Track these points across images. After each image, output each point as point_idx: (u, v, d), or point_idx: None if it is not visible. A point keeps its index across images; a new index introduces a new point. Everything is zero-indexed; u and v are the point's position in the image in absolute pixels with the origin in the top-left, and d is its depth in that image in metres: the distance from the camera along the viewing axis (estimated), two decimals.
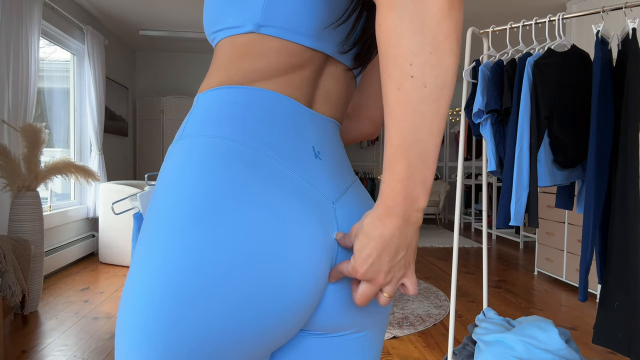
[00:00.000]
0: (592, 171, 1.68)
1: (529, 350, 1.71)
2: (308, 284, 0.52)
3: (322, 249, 0.54)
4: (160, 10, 4.84)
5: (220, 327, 0.47)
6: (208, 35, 0.64)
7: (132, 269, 0.51)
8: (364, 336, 0.63)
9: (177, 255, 0.47)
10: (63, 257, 3.99)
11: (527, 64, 1.81)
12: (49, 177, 3.09)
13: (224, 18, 0.60)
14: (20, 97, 3.28)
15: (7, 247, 2.50)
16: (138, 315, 0.48)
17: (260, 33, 0.58)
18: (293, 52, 0.58)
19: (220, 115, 0.56)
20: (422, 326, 2.78)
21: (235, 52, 0.59)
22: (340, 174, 0.61)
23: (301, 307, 0.52)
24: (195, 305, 0.47)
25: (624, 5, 1.74)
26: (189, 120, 0.58)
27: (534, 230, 5.44)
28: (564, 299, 3.43)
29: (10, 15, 3.20)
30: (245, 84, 0.58)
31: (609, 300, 1.68)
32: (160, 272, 0.47)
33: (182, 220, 0.49)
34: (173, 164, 0.54)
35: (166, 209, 0.50)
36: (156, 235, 0.50)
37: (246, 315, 0.48)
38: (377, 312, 0.62)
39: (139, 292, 0.48)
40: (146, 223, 0.52)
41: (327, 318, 0.58)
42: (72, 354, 2.32)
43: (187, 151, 0.54)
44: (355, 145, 8.10)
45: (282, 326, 0.51)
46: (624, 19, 1.71)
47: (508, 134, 1.87)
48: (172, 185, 0.52)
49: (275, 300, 0.49)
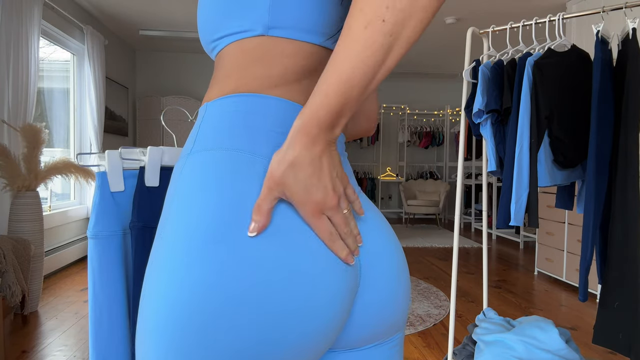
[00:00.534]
0: (592, 171, 1.68)
1: (529, 350, 1.71)
2: (336, 299, 0.50)
3: (345, 264, 0.52)
4: (160, 10, 4.84)
5: (245, 354, 0.46)
6: (207, 44, 0.61)
7: (145, 291, 0.49)
8: (395, 339, 0.62)
9: (198, 280, 0.45)
10: (63, 257, 3.99)
11: (527, 64, 1.81)
12: (49, 177, 3.08)
13: (227, 23, 0.57)
14: (20, 97, 3.28)
15: (7, 247, 2.50)
16: (158, 343, 0.46)
17: (270, 35, 0.55)
18: (307, 54, 0.56)
19: (236, 125, 0.54)
20: (422, 326, 2.78)
21: (245, 58, 0.56)
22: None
23: (331, 327, 0.50)
24: (218, 335, 0.45)
25: (624, 5, 1.74)
26: (200, 132, 0.55)
27: (534, 230, 5.44)
28: (564, 299, 3.43)
29: (10, 15, 3.20)
30: (260, 91, 0.55)
31: (609, 300, 1.68)
32: (182, 298, 0.45)
33: (202, 240, 0.47)
34: (188, 180, 0.52)
35: (184, 230, 0.48)
36: (172, 261, 0.47)
37: (273, 338, 0.46)
38: (401, 314, 0.61)
39: (157, 320, 0.46)
40: (161, 246, 0.50)
41: (356, 335, 0.57)
42: (72, 354, 2.32)
43: (202, 166, 0.52)
44: (356, 145, 8.10)
45: (311, 346, 0.49)
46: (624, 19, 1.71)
47: (508, 134, 1.87)
48: (190, 204, 0.50)
49: (305, 320, 0.48)
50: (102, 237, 0.84)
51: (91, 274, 0.84)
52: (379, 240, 0.58)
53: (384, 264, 0.58)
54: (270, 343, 0.46)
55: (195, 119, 1.25)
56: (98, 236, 0.84)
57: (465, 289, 3.67)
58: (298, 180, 0.48)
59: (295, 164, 0.48)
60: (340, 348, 0.58)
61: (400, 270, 0.60)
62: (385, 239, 0.59)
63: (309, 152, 0.48)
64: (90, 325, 0.84)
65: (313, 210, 0.49)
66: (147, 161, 0.90)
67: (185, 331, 0.45)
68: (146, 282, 0.49)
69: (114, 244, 0.85)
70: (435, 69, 7.26)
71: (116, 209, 0.87)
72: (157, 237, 0.51)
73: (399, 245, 0.62)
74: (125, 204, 0.89)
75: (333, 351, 0.59)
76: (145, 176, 0.90)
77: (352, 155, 8.22)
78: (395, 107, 7.96)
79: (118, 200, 0.88)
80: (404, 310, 0.61)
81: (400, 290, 0.59)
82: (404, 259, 0.62)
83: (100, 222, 0.84)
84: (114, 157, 0.87)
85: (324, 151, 0.49)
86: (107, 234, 0.84)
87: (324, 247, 0.50)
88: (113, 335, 0.85)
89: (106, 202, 0.85)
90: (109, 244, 0.84)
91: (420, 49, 6.11)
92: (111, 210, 0.86)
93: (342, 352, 0.59)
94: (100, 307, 0.84)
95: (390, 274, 0.58)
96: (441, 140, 8.12)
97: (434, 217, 7.89)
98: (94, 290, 0.84)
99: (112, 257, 0.85)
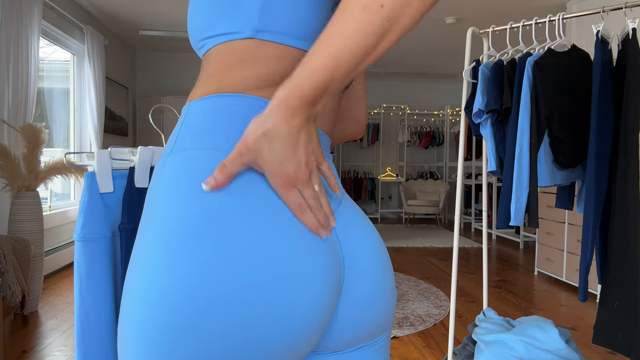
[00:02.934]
0: (592, 171, 1.68)
1: (529, 350, 1.71)
2: (320, 299, 0.50)
3: (330, 262, 0.52)
4: (160, 10, 4.85)
5: (227, 354, 0.45)
6: (195, 42, 0.61)
7: (127, 290, 0.48)
8: (380, 341, 0.62)
9: (177, 278, 0.44)
10: (63, 257, 3.99)
11: (527, 64, 1.81)
12: (49, 177, 3.08)
13: (216, 24, 0.57)
14: (20, 97, 3.28)
15: (7, 247, 2.50)
16: (139, 345, 0.45)
17: (258, 39, 0.55)
18: (293, 58, 0.56)
19: (217, 125, 0.53)
20: (422, 326, 2.78)
21: (231, 59, 0.56)
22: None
23: (315, 322, 0.50)
24: (198, 334, 0.44)
25: (624, 5, 1.74)
26: (181, 132, 0.55)
27: (534, 230, 5.44)
28: (564, 299, 3.43)
29: (10, 15, 3.20)
30: (243, 91, 0.55)
31: (609, 300, 1.68)
32: (161, 295, 0.45)
33: (182, 239, 0.46)
34: (167, 179, 0.51)
35: (163, 229, 0.48)
36: (152, 260, 0.47)
37: (256, 338, 0.45)
38: (386, 317, 0.60)
39: (137, 321, 0.46)
40: (142, 245, 0.49)
41: (339, 337, 0.56)
42: (72, 354, 2.32)
43: (182, 166, 0.51)
44: (356, 145, 8.11)
45: (296, 345, 0.49)
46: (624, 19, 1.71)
47: (508, 134, 1.87)
48: (168, 204, 0.49)
49: (291, 318, 0.47)
50: (90, 240, 0.81)
51: (78, 277, 0.80)
52: (363, 241, 0.58)
53: (367, 264, 0.57)
54: (255, 344, 0.46)
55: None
56: (86, 239, 0.81)
57: (465, 289, 3.67)
58: (273, 151, 0.48)
59: (271, 133, 0.47)
60: (324, 350, 0.58)
61: (385, 270, 0.60)
62: (369, 239, 0.59)
63: (287, 125, 0.47)
64: (76, 331, 0.81)
65: (284, 182, 0.49)
66: (137, 161, 0.88)
67: (166, 332, 0.44)
68: (127, 281, 0.49)
69: (103, 247, 0.82)
70: (436, 69, 7.26)
71: (105, 210, 0.84)
72: (139, 236, 0.51)
73: (383, 245, 0.62)
74: (114, 205, 0.86)
75: (317, 354, 0.58)
76: (135, 177, 0.88)
77: (352, 155, 8.22)
78: (395, 107, 7.96)
79: (107, 201, 0.85)
80: (389, 311, 0.60)
81: (385, 290, 0.59)
82: (388, 259, 0.62)
83: (89, 225, 0.81)
84: (104, 157, 0.84)
85: (302, 125, 0.48)
86: (96, 236, 0.82)
87: (306, 239, 0.50)
88: (101, 341, 0.83)
89: (95, 203, 0.83)
90: (97, 247, 0.81)
91: (420, 48, 6.11)
92: (100, 212, 0.83)
93: (326, 355, 0.58)
94: (87, 313, 0.80)
95: (374, 273, 0.58)
96: (441, 140, 8.12)
97: (434, 217, 7.89)
98: (80, 294, 0.81)
99: (100, 260, 0.82)
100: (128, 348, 0.47)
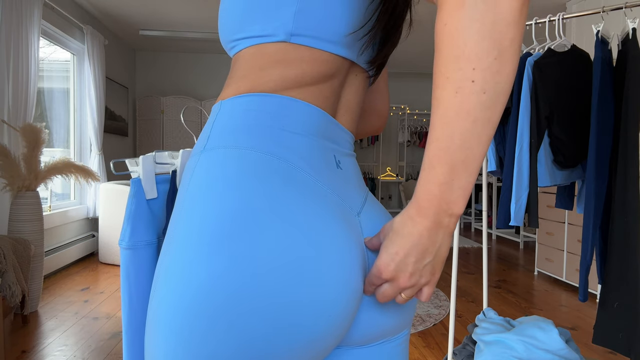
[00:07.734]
0: (592, 171, 1.68)
1: (529, 350, 1.71)
2: (346, 298, 0.50)
3: (356, 262, 0.52)
4: (160, 10, 4.84)
5: (255, 348, 0.45)
6: (226, 42, 0.61)
7: (157, 284, 0.49)
8: (402, 336, 0.63)
9: (210, 273, 0.45)
10: (63, 257, 3.99)
11: (527, 64, 1.81)
12: (49, 177, 3.08)
13: (249, 25, 0.57)
14: (20, 97, 3.28)
15: (7, 247, 2.50)
16: (167, 342, 0.46)
17: (292, 42, 0.55)
18: (325, 61, 0.57)
19: (249, 124, 0.54)
20: (422, 326, 2.78)
21: (264, 61, 0.56)
22: (359, 185, 0.61)
23: (338, 322, 0.50)
24: (227, 328, 0.44)
25: (624, 5, 1.74)
26: (213, 129, 0.55)
27: (534, 230, 5.44)
28: (564, 299, 3.43)
29: (10, 15, 3.20)
30: (276, 91, 0.55)
31: (609, 300, 1.68)
32: (190, 290, 0.46)
33: (216, 237, 0.46)
34: (200, 177, 0.51)
35: (197, 226, 0.48)
36: (183, 257, 0.47)
37: (282, 335, 0.46)
38: (409, 312, 0.62)
39: (166, 314, 0.46)
40: (173, 242, 0.49)
41: (364, 331, 0.57)
42: (72, 354, 2.32)
43: (215, 163, 0.51)
44: (356, 145, 8.11)
45: (319, 343, 0.49)
46: (624, 19, 1.71)
47: (508, 134, 1.87)
48: (202, 202, 0.49)
49: (314, 317, 0.47)
50: (139, 248, 0.80)
51: (127, 285, 0.79)
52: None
53: None
54: (278, 340, 0.46)
55: (205, 119, 1.23)
56: (136, 247, 0.80)
57: (465, 289, 3.67)
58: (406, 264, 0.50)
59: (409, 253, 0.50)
60: (348, 345, 0.58)
61: None
62: None
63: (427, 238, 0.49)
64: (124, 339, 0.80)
65: (385, 277, 0.52)
66: (179, 164, 0.87)
67: (193, 324, 0.45)
68: (159, 273, 0.49)
69: (150, 253, 0.82)
70: None
71: (151, 216, 0.83)
72: (169, 234, 0.51)
73: None
74: (157, 210, 0.85)
75: (340, 348, 0.59)
76: (177, 180, 0.87)
77: None
78: (395, 107, 7.96)
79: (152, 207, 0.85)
80: (411, 307, 0.61)
81: None
82: None
83: (137, 232, 0.80)
84: (149, 162, 0.83)
85: (442, 237, 0.50)
86: (144, 244, 0.81)
87: (337, 246, 0.51)
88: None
89: (142, 210, 0.82)
90: (145, 254, 0.81)
91: (420, 49, 6.11)
92: (147, 219, 0.82)
93: (350, 349, 0.59)
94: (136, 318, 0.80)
95: None
96: None
97: None
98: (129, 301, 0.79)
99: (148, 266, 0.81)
100: (157, 339, 0.47)
